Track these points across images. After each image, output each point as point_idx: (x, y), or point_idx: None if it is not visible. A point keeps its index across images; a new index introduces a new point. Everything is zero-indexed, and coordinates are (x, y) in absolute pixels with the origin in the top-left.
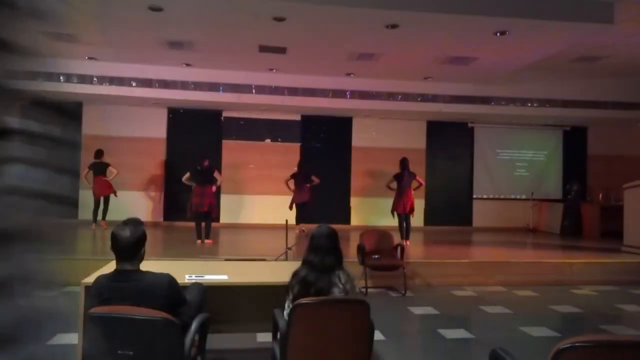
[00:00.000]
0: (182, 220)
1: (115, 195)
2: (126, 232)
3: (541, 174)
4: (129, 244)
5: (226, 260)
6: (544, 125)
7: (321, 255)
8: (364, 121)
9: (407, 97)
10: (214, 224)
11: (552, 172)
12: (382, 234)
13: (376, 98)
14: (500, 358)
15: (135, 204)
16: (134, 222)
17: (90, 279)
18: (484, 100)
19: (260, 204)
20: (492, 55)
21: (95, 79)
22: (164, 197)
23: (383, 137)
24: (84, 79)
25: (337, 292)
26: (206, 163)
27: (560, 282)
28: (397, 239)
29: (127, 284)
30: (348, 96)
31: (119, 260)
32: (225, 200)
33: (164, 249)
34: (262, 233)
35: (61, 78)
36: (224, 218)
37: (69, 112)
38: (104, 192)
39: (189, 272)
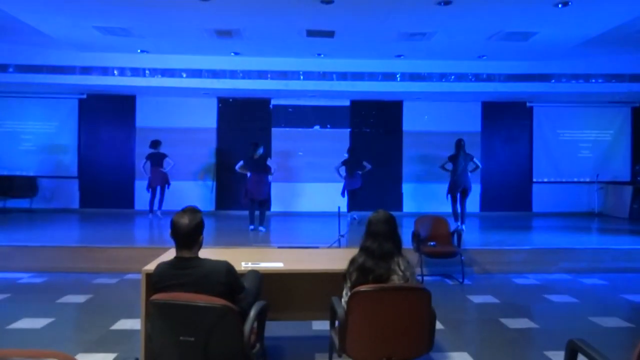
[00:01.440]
0: (234, 208)
1: (168, 186)
2: (185, 220)
3: (607, 155)
4: (188, 231)
5: (279, 248)
6: (610, 103)
7: (379, 241)
8: (415, 105)
9: (460, 77)
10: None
11: (619, 152)
12: (437, 220)
13: (427, 80)
14: (580, 350)
15: (188, 193)
16: (192, 210)
17: (151, 267)
18: (544, 77)
19: (310, 191)
20: (552, 29)
21: (147, 71)
22: (216, 186)
23: (435, 120)
24: (137, 71)
25: (396, 280)
26: (260, 151)
27: (632, 269)
28: (452, 225)
29: (186, 271)
30: (398, 79)
31: (178, 247)
32: (275, 188)
33: (217, 237)
34: (314, 221)
35: (115, 72)
36: (275, 206)
37: None
38: (160, 182)
39: (245, 260)
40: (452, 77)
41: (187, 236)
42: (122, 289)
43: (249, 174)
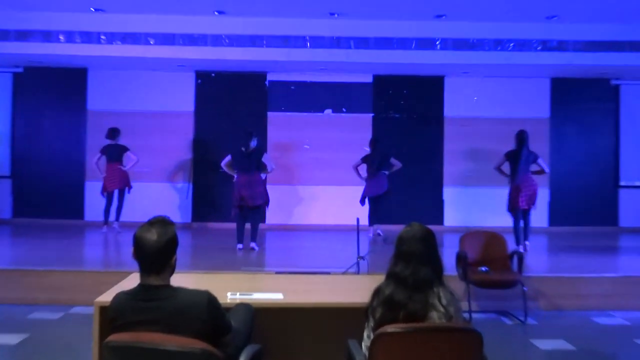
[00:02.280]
0: (217, 219)
1: (129, 190)
2: (153, 235)
3: None
4: (157, 251)
5: (278, 273)
6: None
7: (413, 266)
8: (460, 81)
9: (522, 45)
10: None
11: None
12: (490, 238)
13: (477, 48)
14: None
15: (156, 199)
16: (162, 223)
17: (107, 297)
18: (635, 46)
19: (318, 197)
20: None
21: (102, 36)
22: (193, 189)
23: (488, 102)
24: (89, 37)
25: (435, 317)
26: (253, 143)
27: None
28: (512, 243)
29: (155, 304)
30: (438, 47)
31: (143, 272)
32: (271, 193)
33: (195, 258)
34: (323, 237)
35: (61, 37)
36: (271, 217)
37: None
38: (119, 185)
39: (232, 289)
40: (511, 44)
41: (156, 257)
42: (67, 327)
43: (235, 175)
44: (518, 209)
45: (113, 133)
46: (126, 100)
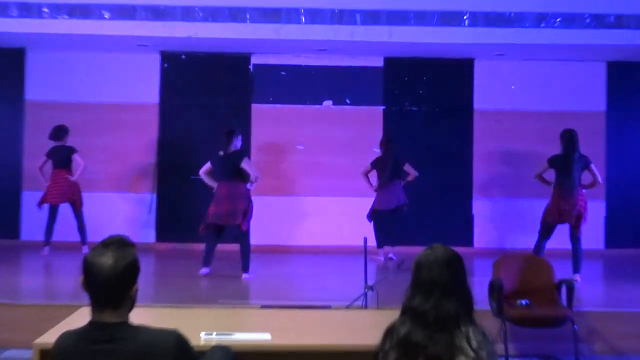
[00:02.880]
0: (187, 239)
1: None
2: (108, 260)
3: None
4: (113, 279)
5: (264, 307)
6: None
7: (435, 299)
8: (493, 65)
9: (570, 20)
10: (230, 247)
11: None
12: (532, 263)
13: (514, 24)
14: None
15: (109, 213)
16: (120, 244)
17: (49, 338)
18: None
19: (315, 212)
20: None
21: (45, 9)
22: (157, 202)
23: (528, 92)
24: (28, 9)
25: None
26: (237, 143)
27: None
28: (560, 270)
29: (109, 347)
30: (466, 22)
31: (96, 306)
32: (256, 206)
33: (160, 288)
34: (321, 262)
35: None
36: (256, 237)
37: None
38: (64, 197)
39: (207, 328)
40: (557, 19)
41: (112, 287)
42: None
43: (215, 186)
44: (552, 225)
45: (59, 132)
46: (74, 89)
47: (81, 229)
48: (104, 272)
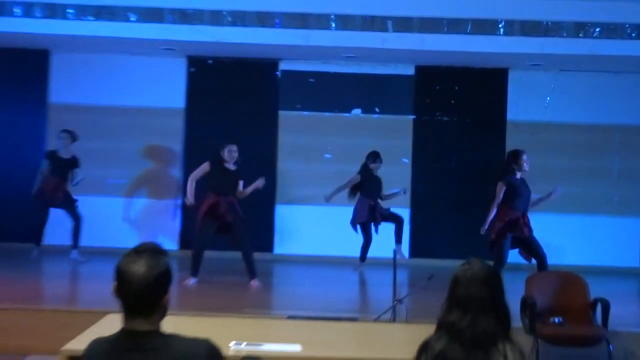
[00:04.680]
0: (212, 247)
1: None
2: (141, 268)
3: None
4: (146, 287)
5: (290, 318)
6: None
7: (472, 315)
8: (529, 76)
9: (611, 30)
10: (254, 256)
11: None
12: (566, 279)
13: (552, 33)
14: None
15: (133, 220)
16: (152, 252)
17: (76, 345)
18: None
19: (342, 221)
20: None
21: (70, 10)
22: (182, 209)
23: (565, 104)
24: (53, 10)
25: None
26: (235, 154)
27: None
28: (594, 287)
29: (142, 355)
30: (501, 30)
31: (127, 314)
32: (281, 214)
33: (185, 296)
34: (347, 272)
35: (16, 10)
36: (279, 246)
37: None
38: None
39: (236, 338)
40: (596, 29)
41: (144, 295)
42: None
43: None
44: None
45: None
46: (98, 92)
47: (76, 232)
48: (136, 280)
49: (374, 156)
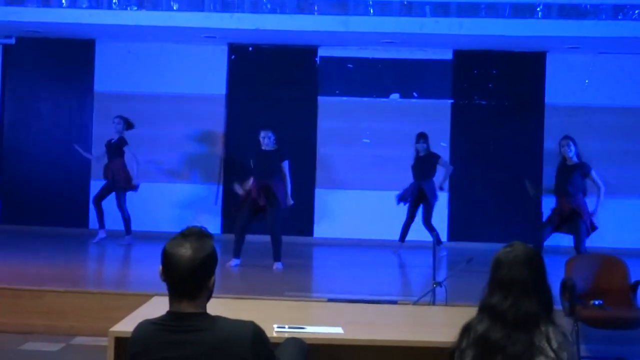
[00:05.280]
0: (253, 231)
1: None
2: (187, 251)
3: None
4: (192, 270)
5: (330, 301)
6: None
7: (515, 297)
8: (567, 59)
9: None
10: (295, 239)
11: None
12: (606, 262)
13: (591, 15)
14: None
15: (175, 204)
16: (199, 235)
17: (124, 327)
18: None
19: (381, 205)
20: None
21: (114, 0)
22: (223, 193)
23: (603, 87)
24: (98, 0)
25: None
26: (270, 141)
27: None
28: (634, 269)
29: (189, 337)
30: (539, 14)
31: (174, 296)
32: (320, 198)
33: (227, 279)
34: (386, 256)
35: (63, 1)
36: (319, 229)
37: None
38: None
39: (278, 320)
40: (636, 11)
41: (191, 278)
42: None
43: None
44: None
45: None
46: (142, 80)
47: (125, 219)
48: (182, 263)
49: (416, 137)
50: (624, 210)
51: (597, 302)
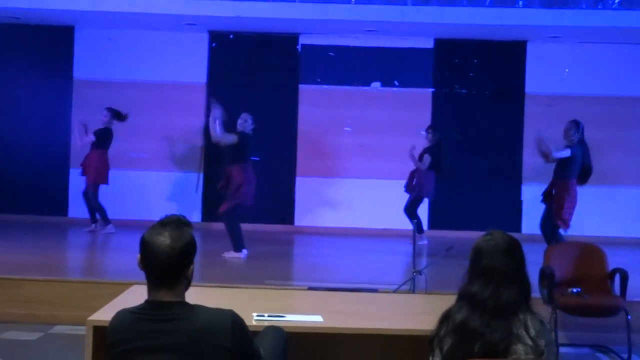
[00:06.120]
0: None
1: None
2: (166, 239)
3: None
4: (171, 259)
5: (311, 289)
6: None
7: (495, 286)
8: (547, 48)
9: (628, 1)
10: (275, 228)
11: None
12: (585, 251)
13: (571, 5)
14: None
15: (155, 192)
16: (177, 223)
17: (104, 315)
18: None
19: (362, 194)
20: None
21: None
22: (204, 182)
23: (583, 76)
24: None
25: (521, 352)
26: (248, 124)
27: None
28: (614, 258)
29: (167, 326)
30: (520, 3)
31: (152, 285)
32: (301, 187)
33: (207, 267)
34: (367, 245)
35: None
36: (299, 218)
37: None
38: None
39: (257, 309)
40: (615, 1)
41: (169, 267)
42: (46, 352)
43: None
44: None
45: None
46: (122, 68)
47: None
48: (161, 251)
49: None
50: (604, 199)
51: (575, 290)
